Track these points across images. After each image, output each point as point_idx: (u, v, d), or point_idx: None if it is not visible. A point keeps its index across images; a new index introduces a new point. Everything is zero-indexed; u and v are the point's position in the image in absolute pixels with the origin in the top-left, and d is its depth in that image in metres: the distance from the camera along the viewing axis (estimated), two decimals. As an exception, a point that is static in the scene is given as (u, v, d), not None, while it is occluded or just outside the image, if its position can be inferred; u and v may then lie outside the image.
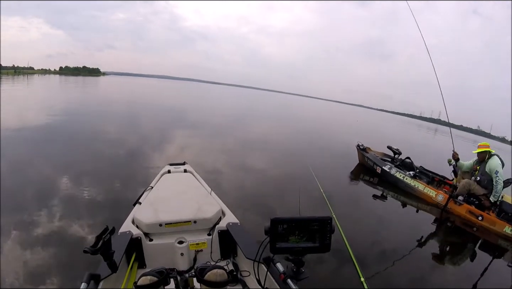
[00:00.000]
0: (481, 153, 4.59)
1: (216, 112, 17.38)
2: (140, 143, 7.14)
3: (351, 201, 5.06)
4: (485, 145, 4.67)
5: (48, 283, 2.20)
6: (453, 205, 4.73)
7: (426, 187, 5.30)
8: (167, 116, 12.76)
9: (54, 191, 3.80)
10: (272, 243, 1.16)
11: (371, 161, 6.66)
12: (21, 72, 56.48)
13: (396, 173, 5.88)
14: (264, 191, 4.90)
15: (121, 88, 36.85)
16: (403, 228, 4.31)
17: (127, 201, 3.48)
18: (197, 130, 9.96)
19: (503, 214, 4.28)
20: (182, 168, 2.91)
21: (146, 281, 1.16)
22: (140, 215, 1.91)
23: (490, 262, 3.56)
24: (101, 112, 11.70)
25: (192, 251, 1.85)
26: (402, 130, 21.85)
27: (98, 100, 18.16)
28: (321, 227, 1.16)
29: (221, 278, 1.20)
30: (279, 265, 1.50)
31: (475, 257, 3.73)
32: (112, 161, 5.47)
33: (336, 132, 15.62)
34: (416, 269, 3.17)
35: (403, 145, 7.01)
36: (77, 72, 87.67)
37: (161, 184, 2.50)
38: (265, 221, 1.16)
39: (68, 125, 8.26)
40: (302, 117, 23.54)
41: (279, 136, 11.41)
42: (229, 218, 2.04)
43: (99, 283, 1.36)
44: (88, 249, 1.23)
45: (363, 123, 28.80)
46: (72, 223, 3.07)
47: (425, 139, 18.64)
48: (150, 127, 9.60)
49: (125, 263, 1.69)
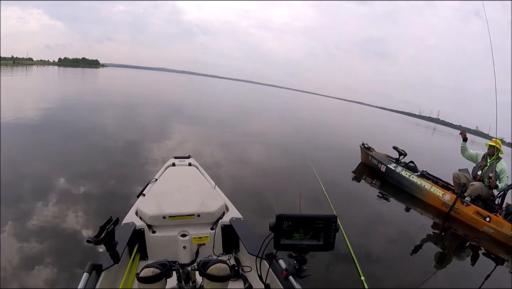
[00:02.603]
0: (493, 147, 4.63)
1: (217, 107, 17.44)
2: (144, 136, 7.17)
3: (352, 200, 5.02)
4: (498, 142, 4.68)
5: (53, 271, 2.23)
6: (460, 205, 4.65)
7: (433, 186, 5.22)
8: (171, 110, 12.78)
9: (53, 183, 3.83)
10: (277, 239, 1.14)
11: (375, 159, 6.57)
12: (20, 63, 56.22)
13: (402, 171, 5.79)
14: (264, 187, 4.89)
15: (122, 80, 36.81)
16: (405, 229, 4.25)
17: (130, 193, 3.53)
18: (201, 125, 9.98)
19: (510, 217, 4.22)
20: (186, 161, 2.91)
21: (148, 273, 1.16)
22: (144, 207, 1.91)
23: (492, 270, 3.51)
24: (102, 105, 11.67)
25: (195, 245, 1.85)
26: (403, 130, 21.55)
27: (99, 92, 18.17)
28: (326, 225, 1.14)
29: (223, 273, 1.20)
30: (281, 261, 1.49)
31: (476, 264, 3.67)
32: (115, 154, 5.51)
33: (337, 131, 15.44)
34: (416, 271, 3.14)
35: (404, 146, 6.91)
36: (76, 64, 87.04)
37: (166, 177, 2.51)
38: (264, 217, 1.14)
39: (72, 118, 8.28)
40: (302, 113, 23.31)
41: (280, 132, 11.38)
42: (232, 213, 2.03)
43: (101, 273, 1.36)
44: (92, 239, 1.23)
45: (363, 121, 28.60)
46: (74, 213, 3.11)
47: (427, 141, 18.41)
48: (154, 121, 9.61)
49: (127, 254, 1.70)
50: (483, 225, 4.36)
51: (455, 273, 3.33)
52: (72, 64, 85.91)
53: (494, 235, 4.23)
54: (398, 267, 3.18)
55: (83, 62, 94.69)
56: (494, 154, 4.58)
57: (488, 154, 4.69)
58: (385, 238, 3.80)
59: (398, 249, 3.56)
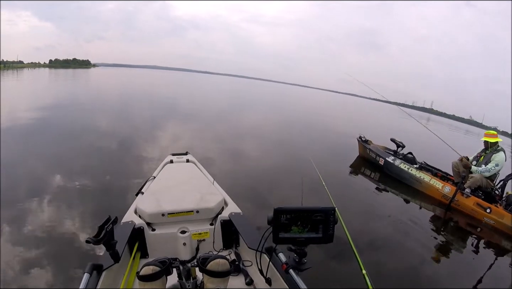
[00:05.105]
0: (486, 142, 4.68)
1: (212, 103, 17.36)
2: (140, 134, 7.16)
3: (351, 194, 5.01)
4: (493, 134, 4.69)
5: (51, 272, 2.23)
6: (460, 197, 4.66)
7: (432, 178, 5.22)
8: (166, 107, 12.71)
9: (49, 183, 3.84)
10: (275, 233, 1.14)
11: (373, 152, 6.54)
12: (10, 66, 54.70)
13: (401, 164, 5.77)
14: (263, 180, 4.91)
15: (115, 80, 36.10)
16: (405, 222, 4.25)
17: (128, 191, 3.52)
18: (196, 122, 9.94)
19: (510, 207, 4.23)
20: (184, 158, 2.91)
21: (148, 271, 1.15)
22: (143, 205, 1.91)
23: (493, 263, 3.52)
24: (95, 106, 11.55)
25: (195, 241, 1.85)
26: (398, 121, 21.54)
27: (92, 93, 17.99)
28: (325, 217, 1.14)
29: (223, 268, 1.19)
30: (281, 255, 1.49)
31: (477, 256, 3.68)
32: (111, 152, 5.51)
33: (333, 124, 15.37)
34: (418, 263, 3.15)
35: (401, 136, 6.92)
36: (67, 65, 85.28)
37: (164, 174, 2.50)
38: (264, 211, 1.14)
39: (65, 119, 8.20)
40: (297, 107, 23.18)
41: (276, 126, 11.37)
42: (231, 208, 2.03)
43: (102, 273, 1.36)
44: (91, 239, 1.22)
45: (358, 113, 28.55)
46: (72, 213, 3.11)
47: (425, 132, 18.19)
48: (150, 119, 9.53)
49: (127, 253, 1.69)
50: (483, 216, 4.37)
51: (457, 264, 3.34)
52: (63, 65, 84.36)
53: (495, 225, 4.24)
54: (399, 259, 3.18)
55: (74, 63, 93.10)
56: (489, 148, 4.66)
57: (484, 148, 4.75)
58: (385, 230, 3.80)
59: (398, 242, 3.56)
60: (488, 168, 4.52)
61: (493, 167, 4.50)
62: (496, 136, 4.66)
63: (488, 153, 4.66)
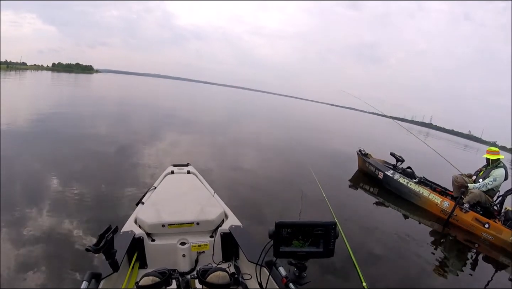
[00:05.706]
0: (487, 159, 4.74)
1: (213, 115, 17.46)
2: (142, 144, 7.15)
3: (351, 207, 5.01)
4: (495, 151, 4.73)
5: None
6: (459, 212, 4.67)
7: (431, 193, 5.23)
8: (168, 119, 12.70)
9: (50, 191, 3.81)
10: (276, 246, 1.14)
11: (372, 166, 6.56)
12: (14, 67, 55.18)
13: (400, 178, 5.79)
14: (263, 194, 4.89)
15: (118, 86, 36.45)
16: (404, 236, 4.24)
17: (129, 200, 3.51)
18: (198, 133, 9.98)
19: (509, 223, 4.24)
20: (185, 169, 2.90)
21: (148, 282, 1.15)
22: (143, 215, 1.91)
23: (490, 279, 3.49)
24: (98, 113, 11.52)
25: (194, 253, 1.84)
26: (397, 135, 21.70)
27: (96, 99, 18.05)
28: (325, 232, 1.14)
29: (223, 281, 1.19)
30: (281, 269, 1.49)
31: (476, 270, 3.67)
32: (113, 162, 5.49)
33: (333, 138, 15.46)
34: (416, 277, 3.14)
35: (400, 151, 6.96)
36: (70, 69, 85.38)
37: (164, 185, 2.50)
38: (264, 224, 1.15)
39: (68, 126, 8.15)
40: (298, 121, 23.48)
41: (277, 139, 11.41)
42: (232, 221, 2.03)
43: (100, 282, 1.36)
44: (91, 247, 1.22)
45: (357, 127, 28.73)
46: (72, 221, 3.09)
47: (424, 147, 18.26)
48: (153, 129, 9.57)
49: (126, 263, 1.69)
50: (482, 231, 4.37)
51: (455, 279, 3.31)
52: (66, 69, 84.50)
53: (493, 241, 4.23)
54: (398, 273, 3.17)
55: (77, 68, 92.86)
56: (490, 164, 4.71)
57: (486, 164, 4.82)
58: (384, 245, 3.79)
59: (398, 256, 3.55)
60: (485, 182, 4.55)
61: (490, 182, 4.52)
62: (498, 154, 4.70)
63: (489, 168, 4.71)
